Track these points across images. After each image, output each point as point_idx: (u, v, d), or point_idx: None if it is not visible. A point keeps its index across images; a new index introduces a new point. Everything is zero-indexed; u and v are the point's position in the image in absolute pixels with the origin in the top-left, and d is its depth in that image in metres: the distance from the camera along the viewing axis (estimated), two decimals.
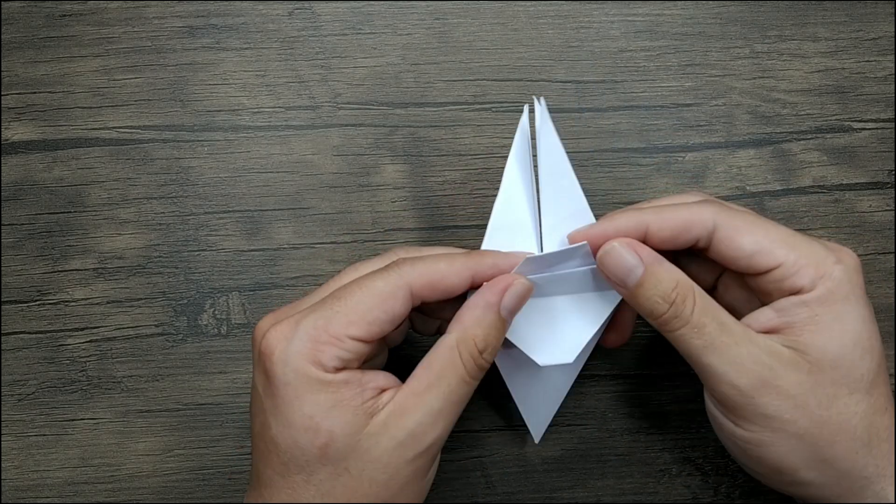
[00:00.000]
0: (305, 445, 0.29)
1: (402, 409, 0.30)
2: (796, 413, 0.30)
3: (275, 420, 0.30)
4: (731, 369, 0.30)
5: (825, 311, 0.31)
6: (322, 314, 0.30)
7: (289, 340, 0.30)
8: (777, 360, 0.31)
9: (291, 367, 0.30)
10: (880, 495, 0.31)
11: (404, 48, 0.42)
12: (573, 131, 0.42)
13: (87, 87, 0.42)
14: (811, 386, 0.30)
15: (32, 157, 0.41)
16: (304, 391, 0.29)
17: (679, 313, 0.31)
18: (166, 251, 0.41)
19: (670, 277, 0.31)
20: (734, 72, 0.42)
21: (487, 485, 0.40)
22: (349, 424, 0.29)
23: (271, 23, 0.42)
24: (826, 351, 0.31)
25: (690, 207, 0.32)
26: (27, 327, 0.40)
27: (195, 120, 0.42)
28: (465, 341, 0.31)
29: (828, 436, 0.31)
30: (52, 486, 0.40)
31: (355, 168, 0.41)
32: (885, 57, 0.42)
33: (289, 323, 0.30)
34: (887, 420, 0.31)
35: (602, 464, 0.40)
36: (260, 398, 0.31)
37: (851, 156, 0.42)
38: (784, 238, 0.32)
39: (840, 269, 0.31)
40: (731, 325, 0.31)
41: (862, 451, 0.31)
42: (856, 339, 0.31)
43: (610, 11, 0.43)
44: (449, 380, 0.30)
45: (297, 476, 0.30)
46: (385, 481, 0.30)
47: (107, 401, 0.40)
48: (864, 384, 0.31)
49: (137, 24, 0.42)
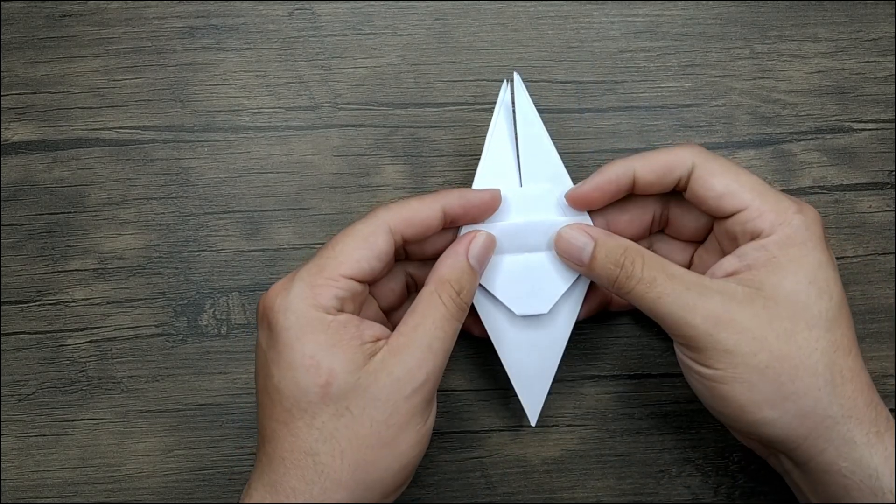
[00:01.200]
0: (307, 385, 0.31)
1: (396, 348, 0.32)
2: (755, 345, 0.31)
3: (277, 368, 0.31)
4: (686, 312, 0.32)
5: (782, 254, 0.32)
6: (315, 263, 0.33)
7: (288, 290, 0.32)
8: (731, 298, 0.32)
9: (292, 311, 0.31)
10: (846, 437, 0.31)
11: (404, 48, 0.42)
12: (573, 132, 0.42)
13: (87, 88, 0.42)
14: (767, 319, 0.32)
15: (32, 157, 0.41)
16: (305, 332, 0.31)
17: (630, 273, 0.33)
18: (166, 251, 0.41)
19: (618, 245, 0.34)
20: (734, 72, 0.42)
21: (487, 485, 0.40)
22: (349, 362, 0.31)
23: (271, 23, 0.42)
24: (780, 287, 0.32)
25: (672, 150, 0.35)
26: (27, 327, 0.40)
27: (195, 120, 0.42)
28: (442, 285, 0.33)
29: (789, 370, 0.31)
30: (52, 487, 0.40)
31: (355, 168, 0.41)
32: (885, 57, 0.42)
33: (286, 278, 0.33)
34: (851, 361, 0.32)
35: (602, 464, 0.40)
36: (263, 353, 0.32)
37: (851, 156, 0.42)
38: (753, 185, 0.34)
39: (799, 218, 0.33)
40: (680, 274, 0.33)
41: (825, 388, 0.31)
42: (811, 279, 0.32)
43: (610, 12, 0.43)
44: (433, 317, 0.33)
45: (299, 421, 0.31)
46: (384, 420, 0.31)
47: (107, 401, 0.40)
48: (823, 321, 0.32)
49: (137, 25, 0.42)
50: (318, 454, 0.30)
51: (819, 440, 0.31)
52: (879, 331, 0.41)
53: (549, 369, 0.38)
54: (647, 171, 0.35)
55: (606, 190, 0.35)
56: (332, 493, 0.30)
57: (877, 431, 0.31)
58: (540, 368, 0.37)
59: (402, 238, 0.34)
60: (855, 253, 0.41)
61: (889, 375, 0.41)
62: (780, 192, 0.34)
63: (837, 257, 0.41)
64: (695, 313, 0.32)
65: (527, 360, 0.37)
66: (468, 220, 0.36)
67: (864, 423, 0.31)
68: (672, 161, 0.34)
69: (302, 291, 0.32)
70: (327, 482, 0.30)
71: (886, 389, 0.41)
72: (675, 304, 0.32)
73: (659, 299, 0.33)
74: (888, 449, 0.31)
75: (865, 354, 0.41)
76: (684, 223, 0.37)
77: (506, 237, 0.36)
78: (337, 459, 0.30)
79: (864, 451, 0.31)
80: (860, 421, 0.31)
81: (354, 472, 0.30)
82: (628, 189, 0.35)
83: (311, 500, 0.30)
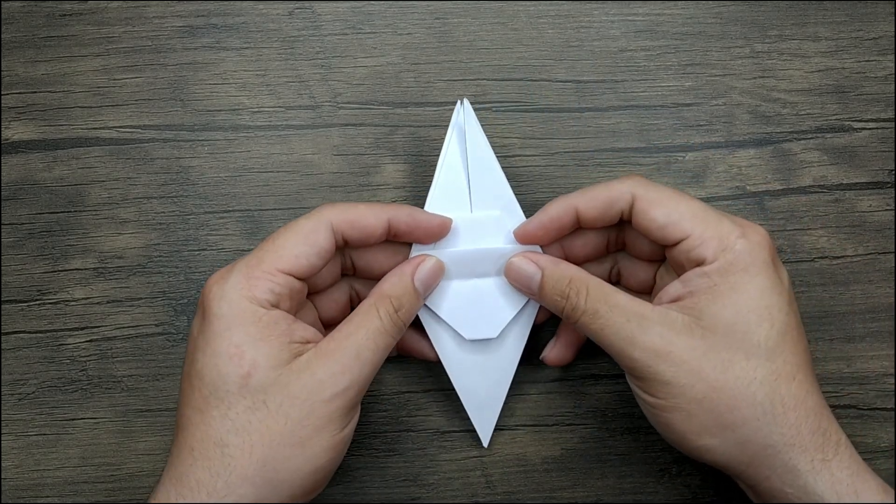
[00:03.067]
0: (228, 373, 0.31)
1: (324, 352, 0.32)
2: (692, 378, 0.31)
3: (202, 353, 0.31)
4: (626, 344, 0.32)
5: (723, 281, 0.32)
6: (254, 255, 0.33)
7: (225, 279, 0.32)
8: (669, 328, 0.32)
9: (226, 300, 0.31)
10: (788, 466, 0.31)
11: (404, 48, 0.42)
12: (573, 131, 0.42)
13: (88, 87, 0.42)
14: (704, 350, 0.32)
15: (32, 156, 0.41)
16: (235, 323, 0.31)
17: (575, 305, 0.34)
18: (166, 251, 0.41)
19: (563, 275, 0.34)
20: (734, 71, 0.42)
21: (487, 484, 0.40)
22: (273, 357, 0.31)
23: (271, 22, 0.42)
24: (719, 317, 0.32)
25: (611, 184, 0.35)
26: (27, 327, 0.40)
27: (195, 119, 0.42)
28: (382, 299, 0.34)
29: (727, 400, 0.31)
30: (52, 486, 0.40)
31: (355, 168, 0.41)
32: (885, 56, 0.42)
33: (227, 267, 0.33)
34: (795, 388, 0.32)
35: (602, 463, 0.40)
36: (193, 339, 0.32)
37: (851, 155, 0.42)
38: (695, 212, 0.33)
39: (742, 243, 0.32)
40: (623, 304, 0.33)
41: (764, 417, 0.31)
42: (751, 307, 0.32)
43: (610, 11, 0.43)
44: (367, 328, 0.33)
45: (214, 410, 0.31)
46: (300, 419, 0.31)
47: (107, 400, 0.40)
48: (763, 350, 0.32)
49: (137, 24, 0.42)
50: (228, 446, 0.30)
51: (762, 468, 0.31)
52: (879, 330, 0.41)
53: (500, 391, 0.38)
54: (589, 208, 0.35)
55: (550, 228, 0.35)
56: (236, 487, 0.30)
57: (822, 458, 0.31)
58: (491, 391, 0.38)
59: (343, 239, 0.34)
60: (855, 252, 0.41)
61: (889, 375, 0.41)
62: (724, 216, 0.33)
63: (837, 256, 0.41)
64: (634, 346, 0.32)
65: (478, 382, 0.38)
66: (413, 239, 0.36)
67: (807, 451, 0.31)
68: (611, 195, 0.34)
69: (238, 282, 0.32)
70: (233, 476, 0.30)
71: (886, 389, 0.41)
72: (616, 335, 0.33)
73: (602, 330, 0.33)
74: (834, 475, 0.31)
75: (865, 354, 0.41)
76: (639, 246, 0.37)
77: (456, 263, 0.37)
78: (246, 453, 0.30)
79: (809, 479, 0.31)
80: (804, 449, 0.31)
81: (262, 469, 0.30)
82: (573, 225, 0.35)
83: (215, 493, 0.30)
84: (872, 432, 0.40)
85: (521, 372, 0.39)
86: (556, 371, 0.41)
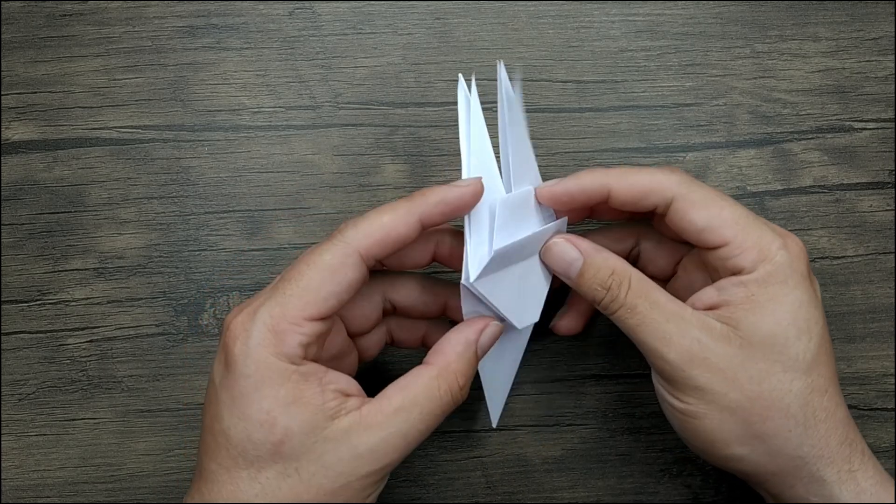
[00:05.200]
0: (259, 440, 0.29)
1: (368, 423, 0.30)
2: (727, 386, 0.31)
3: (229, 413, 0.29)
4: (661, 344, 0.32)
5: (761, 292, 0.31)
6: (277, 301, 0.30)
7: (248, 332, 0.29)
8: (707, 334, 0.31)
9: (253, 358, 0.29)
10: (815, 476, 0.31)
11: (405, 48, 0.42)
12: (573, 131, 0.42)
13: (88, 87, 0.42)
14: (742, 360, 0.31)
15: (33, 156, 0.41)
16: (264, 384, 0.29)
17: (615, 297, 0.33)
18: (167, 251, 0.41)
19: (607, 266, 0.33)
20: (735, 71, 0.42)
21: (488, 485, 0.40)
22: (307, 423, 0.29)
23: (272, 22, 0.42)
24: (758, 328, 0.31)
25: (654, 174, 0.33)
26: (27, 327, 0.40)
27: (196, 120, 0.42)
28: (448, 374, 0.32)
29: (760, 411, 0.31)
30: (52, 486, 0.40)
31: (356, 168, 0.41)
32: (885, 57, 0.42)
33: (247, 313, 0.30)
34: (826, 401, 0.31)
35: (603, 464, 0.40)
36: (215, 390, 0.30)
37: (852, 156, 0.42)
38: (736, 219, 0.32)
39: (783, 255, 0.32)
40: (663, 303, 0.32)
41: (796, 429, 0.31)
42: (791, 320, 0.31)
43: (610, 11, 0.43)
44: (422, 407, 0.31)
45: (243, 472, 0.29)
46: (333, 491, 0.29)
47: (107, 401, 0.40)
48: (801, 363, 0.31)
49: (138, 24, 0.42)
50: None
51: (788, 477, 0.31)
52: (880, 330, 0.41)
53: (512, 373, 0.38)
54: (622, 192, 0.33)
55: (576, 198, 0.34)
56: None
57: (849, 469, 0.31)
58: (506, 373, 0.38)
59: (374, 261, 0.32)
60: (855, 252, 0.41)
61: (889, 375, 0.41)
62: (765, 225, 0.33)
63: (838, 256, 0.41)
64: (670, 347, 0.31)
65: (497, 366, 0.37)
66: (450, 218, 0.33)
67: (835, 462, 0.31)
68: (650, 187, 0.33)
69: (263, 338, 0.29)
70: None
71: (886, 389, 0.41)
72: (653, 334, 0.32)
73: (638, 326, 0.32)
74: (860, 485, 0.31)
75: (865, 354, 0.41)
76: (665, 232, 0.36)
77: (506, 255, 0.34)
78: None
79: (835, 489, 0.31)
80: (831, 460, 0.31)
81: None
82: (600, 200, 0.34)
83: None
84: (872, 432, 0.40)
85: (522, 372, 0.39)
86: (556, 371, 0.41)
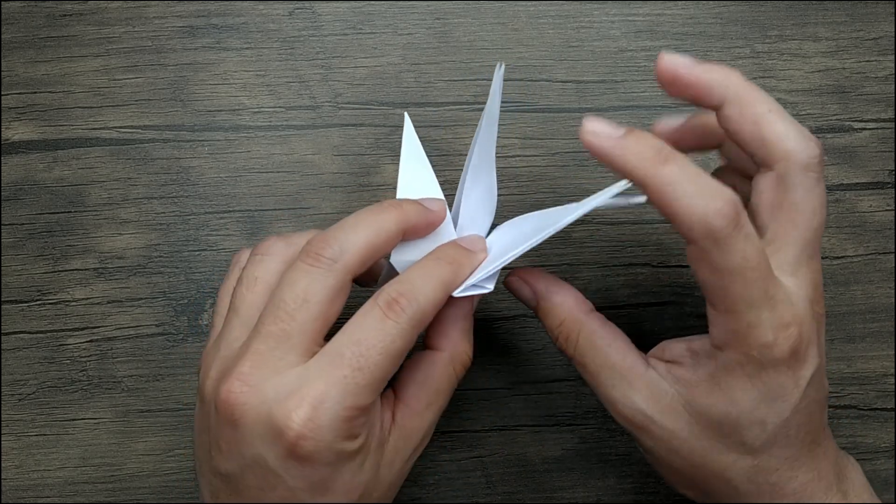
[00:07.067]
0: (343, 501, 0.30)
1: (408, 431, 0.31)
2: (669, 453, 0.31)
3: (310, 495, 0.29)
4: (609, 405, 0.32)
5: (725, 378, 0.29)
6: (347, 390, 0.28)
7: (321, 428, 0.28)
8: (654, 405, 0.31)
9: (334, 451, 0.28)
10: None
11: (405, 48, 0.42)
12: (573, 131, 0.42)
13: (88, 87, 0.42)
14: (686, 436, 0.30)
15: (33, 156, 0.41)
16: (342, 465, 0.29)
17: (565, 348, 0.33)
18: (167, 251, 0.41)
19: (555, 316, 0.33)
20: None
21: (488, 485, 0.40)
22: (374, 467, 0.30)
23: (272, 23, 0.42)
24: (711, 411, 0.30)
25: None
26: (27, 327, 0.40)
27: (195, 120, 0.42)
28: (458, 356, 0.32)
29: (703, 476, 0.31)
30: (52, 486, 0.40)
31: (356, 168, 0.41)
32: (885, 57, 0.42)
33: (310, 408, 0.28)
34: (775, 478, 0.30)
35: (603, 463, 0.40)
36: (280, 478, 0.29)
37: (852, 156, 0.42)
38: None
39: (779, 349, 0.29)
40: (611, 364, 0.31)
41: (738, 498, 0.31)
42: (748, 409, 0.29)
43: (610, 11, 0.43)
44: (445, 393, 0.32)
45: None
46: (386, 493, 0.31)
47: (107, 401, 0.40)
48: (748, 448, 0.30)
49: (138, 24, 0.42)
50: None
51: None
52: (880, 330, 0.41)
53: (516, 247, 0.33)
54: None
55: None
56: None
57: None
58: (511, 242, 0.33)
59: None
60: (855, 252, 0.41)
61: (889, 375, 0.41)
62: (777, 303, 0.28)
63: (838, 257, 0.41)
64: (616, 411, 0.31)
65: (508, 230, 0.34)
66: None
67: None
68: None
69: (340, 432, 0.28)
70: None
71: (886, 389, 0.41)
72: (601, 393, 0.32)
73: (588, 380, 0.32)
74: None
75: (865, 354, 0.41)
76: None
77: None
78: None
79: None
80: None
81: None
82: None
83: None
84: (872, 432, 0.40)
85: (522, 372, 0.39)
86: (556, 371, 0.41)
